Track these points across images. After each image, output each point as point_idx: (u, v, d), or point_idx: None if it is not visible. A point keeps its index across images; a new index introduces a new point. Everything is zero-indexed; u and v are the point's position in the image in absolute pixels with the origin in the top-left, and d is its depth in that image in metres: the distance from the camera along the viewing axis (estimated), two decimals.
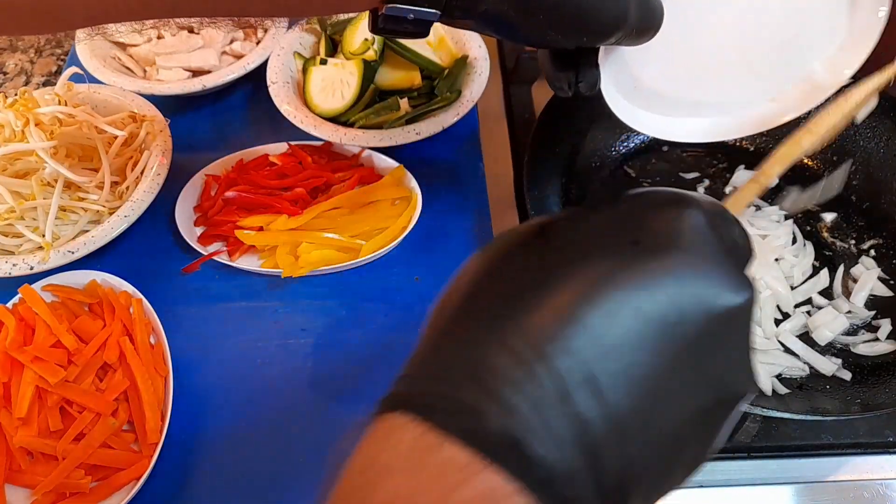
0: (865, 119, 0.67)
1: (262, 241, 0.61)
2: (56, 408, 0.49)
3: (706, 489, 0.54)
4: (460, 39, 0.74)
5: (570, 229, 0.26)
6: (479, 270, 0.26)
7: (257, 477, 0.51)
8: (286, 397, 0.55)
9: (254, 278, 0.61)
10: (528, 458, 0.20)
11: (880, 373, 0.56)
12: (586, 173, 0.69)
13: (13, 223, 0.58)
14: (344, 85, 0.68)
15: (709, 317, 0.23)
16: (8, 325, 0.52)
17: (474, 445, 0.20)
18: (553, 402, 0.21)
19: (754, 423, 0.54)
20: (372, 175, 0.65)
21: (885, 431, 0.56)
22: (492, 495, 0.20)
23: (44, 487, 0.46)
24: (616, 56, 0.44)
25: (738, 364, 0.25)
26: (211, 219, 0.63)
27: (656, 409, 0.22)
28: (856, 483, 0.54)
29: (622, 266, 0.23)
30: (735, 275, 0.25)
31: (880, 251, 0.65)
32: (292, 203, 0.63)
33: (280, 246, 0.60)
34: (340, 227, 0.61)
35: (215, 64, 0.72)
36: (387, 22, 0.35)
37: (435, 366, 0.23)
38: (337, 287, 0.61)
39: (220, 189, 0.65)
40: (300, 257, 0.60)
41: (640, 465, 0.22)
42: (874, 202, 0.67)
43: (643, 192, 0.27)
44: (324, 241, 0.60)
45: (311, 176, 0.64)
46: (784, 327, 0.58)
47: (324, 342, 0.58)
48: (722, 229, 0.26)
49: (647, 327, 0.22)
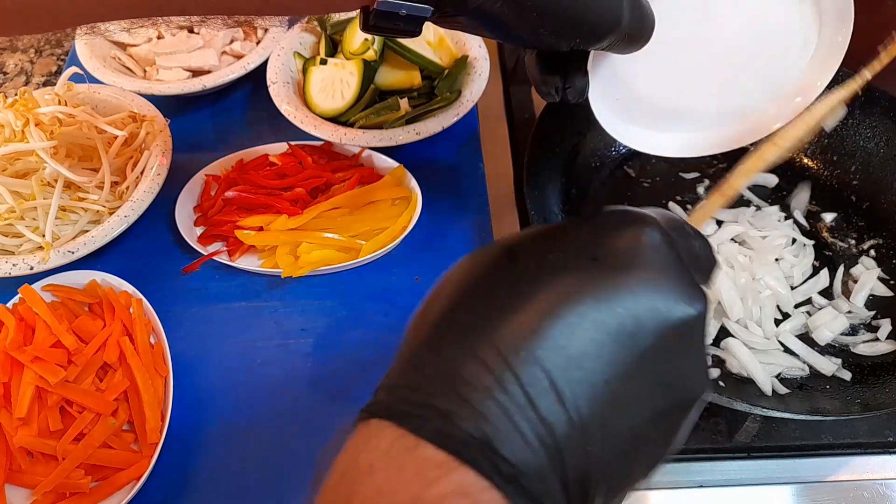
0: (865, 119, 0.67)
1: (262, 241, 0.61)
2: (56, 408, 0.49)
3: (706, 489, 0.54)
4: (460, 40, 0.74)
5: (535, 249, 0.28)
6: (452, 289, 0.27)
7: (257, 477, 0.51)
8: (286, 397, 0.55)
9: (253, 278, 0.61)
10: (498, 457, 0.22)
11: (880, 373, 0.56)
12: (586, 173, 0.69)
13: (13, 223, 0.59)
14: (344, 85, 0.68)
15: (663, 327, 0.25)
16: (8, 325, 0.52)
17: (448, 446, 0.22)
18: (520, 408, 0.23)
19: (754, 422, 0.54)
20: (372, 175, 0.65)
21: (885, 431, 0.56)
22: (466, 490, 0.22)
23: (44, 487, 0.46)
24: (604, 65, 0.44)
25: (693, 369, 0.27)
26: (211, 219, 0.63)
27: (615, 413, 0.24)
28: (856, 483, 0.54)
29: (583, 282, 0.25)
30: (688, 287, 0.27)
31: (880, 251, 0.65)
32: (292, 203, 0.62)
33: (280, 246, 0.60)
34: (340, 227, 0.61)
35: (215, 64, 0.72)
36: (378, 18, 0.33)
37: (412, 376, 0.25)
38: (337, 287, 0.61)
39: (219, 189, 0.65)
40: (300, 257, 0.60)
41: (601, 463, 0.24)
42: (874, 202, 0.67)
43: (606, 211, 0.29)
44: (324, 241, 0.60)
45: (311, 176, 0.64)
46: (784, 327, 0.58)
47: (324, 342, 0.58)
48: (680, 244, 0.28)
49: (606, 338, 0.24)
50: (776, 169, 0.71)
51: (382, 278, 0.61)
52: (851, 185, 0.69)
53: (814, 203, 0.69)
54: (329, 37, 0.73)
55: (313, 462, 0.52)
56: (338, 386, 0.55)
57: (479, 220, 0.66)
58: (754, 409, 0.48)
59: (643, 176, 0.70)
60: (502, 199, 0.70)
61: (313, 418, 0.54)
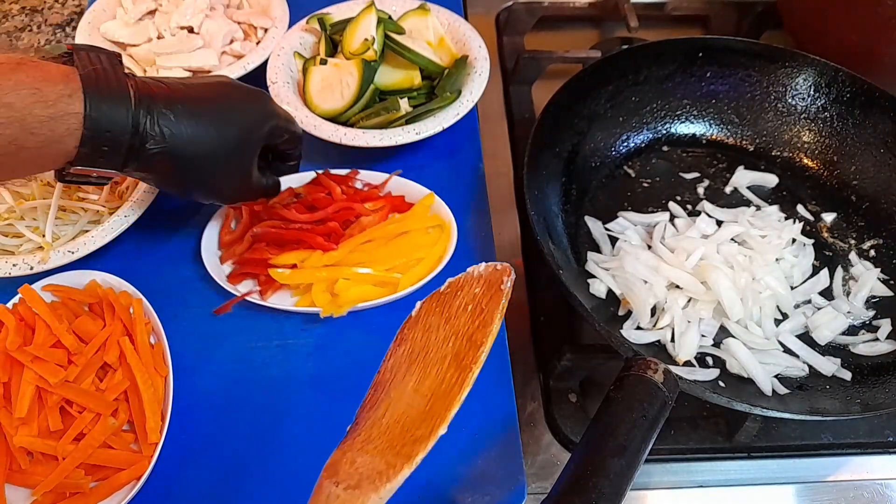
0: (866, 119, 0.67)
1: (298, 279, 0.57)
2: (56, 408, 0.49)
3: (706, 489, 0.54)
4: (460, 40, 0.74)
5: None
6: None
7: (257, 477, 0.51)
8: (286, 397, 0.55)
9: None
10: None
11: (880, 373, 0.56)
12: (586, 173, 0.69)
13: (13, 223, 0.59)
14: (344, 85, 0.68)
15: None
16: (8, 326, 0.52)
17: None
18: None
19: (754, 422, 0.54)
20: (402, 203, 0.63)
21: (884, 431, 0.56)
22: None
23: (44, 487, 0.47)
24: None
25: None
26: (240, 256, 0.60)
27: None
28: (855, 483, 0.55)
29: None
30: None
31: (880, 251, 0.65)
32: (325, 237, 0.59)
33: (316, 283, 0.57)
34: (375, 260, 0.58)
35: (215, 64, 0.72)
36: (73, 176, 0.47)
37: None
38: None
39: (244, 224, 0.61)
40: (338, 295, 0.56)
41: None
42: (874, 202, 0.67)
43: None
44: (360, 276, 0.57)
45: (342, 208, 0.61)
46: (784, 327, 0.58)
47: (324, 342, 0.58)
48: None
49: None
50: (777, 169, 0.71)
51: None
52: (851, 185, 0.69)
53: (814, 203, 0.69)
54: (329, 37, 0.73)
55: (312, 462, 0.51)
56: (338, 386, 0.55)
57: (479, 220, 0.65)
58: (754, 410, 0.48)
59: (643, 176, 0.70)
60: (502, 199, 0.71)
61: (313, 418, 0.54)
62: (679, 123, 0.73)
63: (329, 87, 0.68)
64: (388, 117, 0.66)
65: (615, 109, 0.70)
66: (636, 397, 0.38)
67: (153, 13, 0.76)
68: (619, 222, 0.65)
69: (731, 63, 0.71)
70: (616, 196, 0.68)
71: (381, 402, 0.38)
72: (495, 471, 0.52)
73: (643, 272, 0.58)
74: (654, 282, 0.58)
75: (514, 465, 0.52)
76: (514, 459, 0.52)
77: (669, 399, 0.39)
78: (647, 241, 0.63)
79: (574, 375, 0.57)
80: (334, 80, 0.68)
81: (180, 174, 0.51)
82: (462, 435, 0.53)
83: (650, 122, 0.73)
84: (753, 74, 0.71)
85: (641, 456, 0.37)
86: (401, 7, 0.75)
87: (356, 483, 0.34)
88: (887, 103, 0.66)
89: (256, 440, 0.53)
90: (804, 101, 0.71)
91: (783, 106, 0.71)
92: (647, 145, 0.73)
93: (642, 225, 0.65)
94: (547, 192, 0.63)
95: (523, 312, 0.63)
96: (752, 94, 0.72)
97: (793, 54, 0.70)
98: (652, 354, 0.52)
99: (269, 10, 0.77)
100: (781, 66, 0.70)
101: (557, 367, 0.57)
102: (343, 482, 0.34)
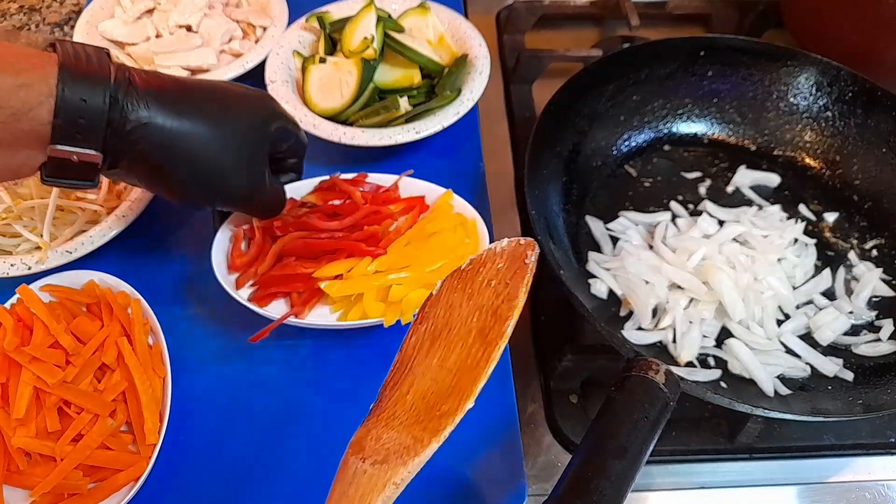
0: (868, 118, 0.67)
1: (350, 289, 0.54)
2: (54, 408, 0.49)
3: (708, 490, 0.54)
4: (461, 38, 0.73)
5: None
6: None
7: (255, 479, 0.51)
8: (286, 398, 0.55)
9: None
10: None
11: (882, 373, 0.55)
12: (587, 172, 0.68)
13: (11, 223, 0.58)
14: (343, 84, 0.68)
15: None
16: (6, 326, 0.51)
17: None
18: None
19: (756, 423, 0.54)
20: (423, 204, 0.61)
21: (887, 432, 0.56)
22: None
23: (42, 488, 0.46)
24: None
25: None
26: (263, 276, 0.56)
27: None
28: (858, 484, 0.54)
29: None
30: None
31: (882, 251, 0.65)
32: (367, 243, 0.56)
33: (366, 293, 0.54)
34: (417, 261, 0.56)
35: (214, 63, 0.72)
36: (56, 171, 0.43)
37: None
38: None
39: (258, 242, 0.58)
40: (395, 301, 0.54)
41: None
42: (876, 202, 0.67)
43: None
44: (411, 279, 0.55)
45: (371, 212, 0.58)
46: (786, 328, 0.58)
47: (325, 342, 0.58)
48: None
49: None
50: (779, 168, 0.71)
51: None
52: (853, 184, 0.68)
53: (816, 203, 0.68)
54: (328, 35, 0.73)
55: (312, 462, 0.51)
56: (338, 387, 0.55)
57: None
58: (756, 410, 0.48)
59: (644, 175, 0.70)
60: (503, 199, 0.70)
61: (313, 419, 0.54)
62: (681, 122, 0.73)
63: (328, 86, 0.68)
64: (388, 116, 0.66)
65: (616, 108, 0.70)
66: (637, 398, 0.38)
67: (151, 12, 0.76)
68: (621, 222, 0.65)
69: (733, 62, 0.71)
70: (617, 196, 0.68)
71: (404, 379, 0.38)
72: (496, 472, 0.51)
73: (644, 272, 0.58)
74: (655, 282, 0.58)
75: (515, 467, 0.52)
76: (514, 461, 0.52)
77: (671, 400, 0.39)
78: (648, 240, 0.63)
79: (575, 376, 0.57)
80: (333, 79, 0.68)
81: (171, 168, 0.47)
82: (462, 436, 0.52)
83: (651, 121, 0.72)
84: (755, 73, 0.71)
85: (643, 457, 0.37)
86: (401, 5, 0.74)
87: (383, 458, 0.34)
88: (889, 102, 0.66)
89: (255, 441, 0.53)
90: (806, 101, 0.70)
91: (785, 105, 0.71)
92: (648, 144, 0.72)
93: (644, 225, 0.65)
94: (548, 192, 0.63)
95: (524, 313, 0.62)
96: (753, 94, 0.72)
97: (794, 53, 0.69)
98: (653, 355, 0.52)
99: (267, 8, 0.77)
100: (783, 65, 0.70)
101: (558, 367, 0.56)
102: (370, 458, 0.34)
